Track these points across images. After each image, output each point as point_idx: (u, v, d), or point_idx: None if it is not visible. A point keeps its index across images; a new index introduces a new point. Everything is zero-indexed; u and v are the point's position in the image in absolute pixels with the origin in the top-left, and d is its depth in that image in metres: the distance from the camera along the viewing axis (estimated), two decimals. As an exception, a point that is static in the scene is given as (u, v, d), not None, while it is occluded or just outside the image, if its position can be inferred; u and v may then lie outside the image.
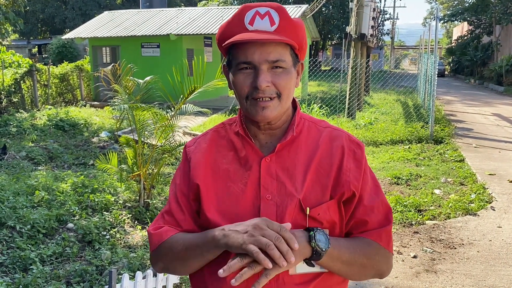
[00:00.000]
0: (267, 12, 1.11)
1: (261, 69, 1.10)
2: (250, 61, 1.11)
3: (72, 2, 35.36)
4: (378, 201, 1.21)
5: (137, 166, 5.26)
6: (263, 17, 1.10)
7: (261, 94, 1.11)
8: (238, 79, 1.13)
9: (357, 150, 1.22)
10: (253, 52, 1.09)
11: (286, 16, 1.12)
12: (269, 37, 1.08)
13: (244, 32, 1.10)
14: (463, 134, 10.30)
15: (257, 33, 1.09)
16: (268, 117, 1.14)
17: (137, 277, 2.73)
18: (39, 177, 5.88)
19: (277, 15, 1.11)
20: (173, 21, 16.15)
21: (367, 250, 1.16)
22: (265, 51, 1.09)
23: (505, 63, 23.92)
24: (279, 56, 1.10)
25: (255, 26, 1.10)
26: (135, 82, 5.50)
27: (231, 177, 1.19)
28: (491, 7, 27.79)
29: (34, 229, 4.35)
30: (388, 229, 1.21)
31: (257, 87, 1.10)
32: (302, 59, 1.20)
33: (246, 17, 1.11)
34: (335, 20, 33.93)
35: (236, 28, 1.12)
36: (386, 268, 1.22)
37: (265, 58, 1.09)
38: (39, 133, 9.66)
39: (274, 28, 1.10)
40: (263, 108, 1.13)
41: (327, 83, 20.18)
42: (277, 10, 1.12)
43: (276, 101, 1.13)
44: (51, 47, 23.83)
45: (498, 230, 4.77)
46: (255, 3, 1.14)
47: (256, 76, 1.11)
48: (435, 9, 10.57)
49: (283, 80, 1.12)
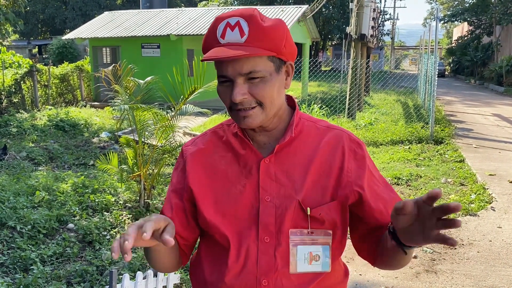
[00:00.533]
0: (237, 22, 1.09)
1: (236, 83, 1.10)
2: (225, 75, 1.11)
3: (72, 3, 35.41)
4: (396, 198, 1.22)
5: (137, 167, 5.27)
6: (233, 29, 1.09)
7: (240, 106, 1.11)
8: (220, 92, 1.15)
9: (358, 149, 1.21)
10: (226, 67, 1.09)
11: (256, 24, 1.09)
12: (235, 53, 1.05)
13: (217, 46, 1.10)
14: (463, 135, 10.31)
15: (226, 47, 1.08)
16: (251, 125, 1.14)
17: (137, 277, 2.73)
18: (39, 177, 5.89)
19: (246, 25, 1.08)
20: (173, 22, 16.16)
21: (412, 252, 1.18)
22: (237, 64, 1.08)
23: (505, 63, 23.93)
24: (251, 68, 1.08)
25: (226, 39, 1.09)
26: (136, 82, 5.51)
27: (230, 178, 1.19)
28: (491, 7, 27.80)
29: (34, 230, 4.36)
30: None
31: (232, 100, 1.11)
32: (291, 59, 1.17)
33: (218, 30, 1.10)
34: (335, 21, 33.94)
35: (211, 41, 1.12)
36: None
37: (238, 71, 1.09)
38: (39, 133, 9.67)
39: (244, 39, 1.08)
40: (244, 117, 1.12)
41: (327, 83, 20.19)
42: (247, 19, 1.09)
43: (258, 109, 1.12)
44: (51, 47, 23.85)
45: (498, 230, 4.77)
46: (228, 13, 1.13)
47: (231, 90, 1.11)
48: (435, 10, 10.57)
49: (261, 90, 1.10)
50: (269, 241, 1.13)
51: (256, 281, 1.13)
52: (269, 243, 1.13)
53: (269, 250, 1.13)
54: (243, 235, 1.15)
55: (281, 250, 1.13)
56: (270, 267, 1.13)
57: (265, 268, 1.13)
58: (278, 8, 17.13)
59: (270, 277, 1.13)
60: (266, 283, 1.13)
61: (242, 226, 1.15)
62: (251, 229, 1.14)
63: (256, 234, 1.14)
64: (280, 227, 1.14)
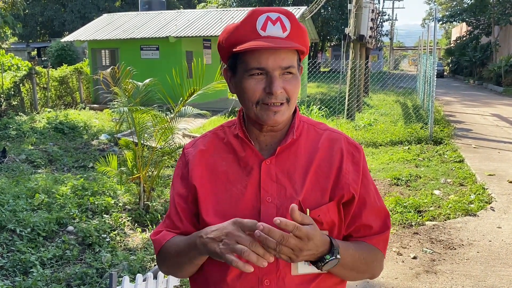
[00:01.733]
0: (278, 18, 1.11)
1: (274, 75, 1.11)
2: (263, 67, 1.11)
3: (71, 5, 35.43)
4: (379, 206, 1.23)
5: (136, 169, 5.27)
6: (275, 23, 1.11)
7: (274, 100, 1.13)
8: (249, 84, 1.13)
9: (356, 153, 1.23)
10: (267, 58, 1.10)
11: (296, 22, 1.14)
12: (285, 44, 1.10)
13: (257, 38, 1.11)
14: (462, 135, 10.32)
15: (271, 39, 1.10)
16: (279, 122, 1.16)
17: (137, 280, 2.73)
18: (39, 180, 5.88)
19: (288, 21, 1.12)
20: (172, 24, 16.17)
21: (367, 257, 1.19)
22: (278, 57, 1.10)
23: (504, 63, 23.95)
24: (290, 63, 1.12)
25: (267, 32, 1.11)
26: (135, 84, 5.51)
27: (231, 179, 1.20)
28: (489, 7, 27.84)
29: (34, 232, 4.36)
30: (387, 235, 1.24)
31: (271, 92, 1.11)
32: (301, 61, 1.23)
33: (258, 22, 1.12)
34: (334, 22, 33.97)
35: (248, 33, 1.12)
36: (379, 271, 1.26)
37: (278, 64, 1.11)
38: (38, 136, 9.67)
39: (286, 35, 1.11)
40: (275, 113, 1.14)
41: (326, 84, 20.20)
42: (287, 16, 1.13)
43: (286, 106, 1.15)
44: (50, 50, 23.84)
45: (498, 230, 4.77)
46: (265, 8, 1.15)
47: (270, 82, 1.11)
48: (434, 10, 10.59)
49: (293, 86, 1.14)
50: None
51: (258, 281, 1.14)
52: None
53: None
54: None
55: None
56: (271, 267, 1.14)
57: (266, 268, 1.13)
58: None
59: (272, 276, 1.14)
60: (268, 282, 1.14)
61: None
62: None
63: None
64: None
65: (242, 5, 31.22)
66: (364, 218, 1.20)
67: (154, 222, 4.99)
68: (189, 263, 1.18)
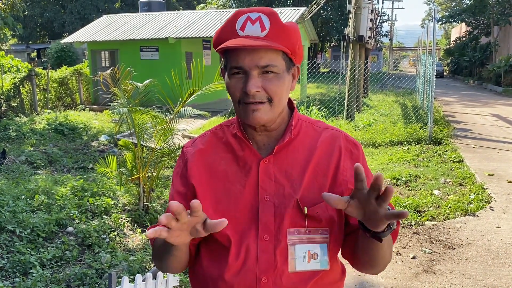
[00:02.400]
0: (258, 17, 1.11)
1: (251, 74, 1.11)
2: (240, 66, 1.12)
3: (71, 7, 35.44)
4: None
5: (136, 170, 5.27)
6: (254, 23, 1.11)
7: (252, 99, 1.12)
8: (231, 84, 1.15)
9: (354, 150, 1.24)
10: (244, 58, 1.10)
11: (277, 21, 1.12)
12: (258, 43, 1.08)
13: (236, 38, 1.11)
14: (462, 135, 10.32)
15: (247, 39, 1.10)
16: (260, 120, 1.15)
17: (136, 280, 2.73)
18: (38, 181, 5.89)
19: (268, 20, 1.11)
20: (172, 25, 16.18)
21: (391, 247, 1.20)
22: (255, 56, 1.10)
23: (503, 63, 23.97)
24: (269, 61, 1.11)
25: (246, 32, 1.11)
26: (134, 85, 5.51)
27: (229, 178, 1.21)
28: (489, 8, 27.87)
29: (34, 233, 4.36)
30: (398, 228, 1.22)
31: (246, 92, 1.11)
32: (298, 62, 1.21)
33: (238, 23, 1.12)
34: (334, 22, 34.00)
35: (228, 33, 1.13)
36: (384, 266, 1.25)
37: (255, 63, 1.10)
38: (38, 137, 9.67)
39: (264, 34, 1.10)
40: (254, 111, 1.14)
41: (326, 85, 20.21)
42: (268, 15, 1.12)
43: (267, 105, 1.14)
44: (50, 51, 23.86)
45: (497, 230, 4.78)
46: (248, 8, 1.15)
47: (245, 81, 1.12)
48: (433, 11, 10.60)
49: (274, 85, 1.13)
50: (268, 239, 1.15)
51: (256, 279, 1.15)
52: (268, 241, 1.15)
53: (269, 248, 1.15)
54: (242, 233, 1.17)
55: (281, 248, 1.15)
56: (269, 265, 1.15)
57: (264, 266, 1.15)
58: (276, 10, 17.15)
59: (270, 274, 1.15)
60: (265, 280, 1.15)
61: (242, 225, 1.17)
62: (250, 228, 1.16)
63: (255, 232, 1.16)
64: (280, 225, 1.16)
65: (241, 6, 31.24)
66: None
67: (153, 222, 5.00)
68: (169, 255, 1.18)
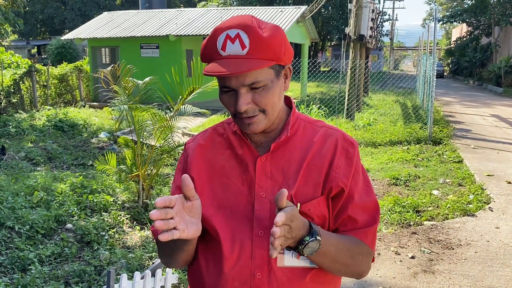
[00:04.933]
0: (237, 34, 1.11)
1: (239, 93, 1.13)
2: (228, 86, 1.14)
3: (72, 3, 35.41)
4: (368, 201, 1.23)
5: (136, 167, 5.27)
6: (234, 41, 1.11)
7: (244, 115, 1.15)
8: (223, 100, 1.18)
9: (350, 148, 1.24)
10: (230, 79, 1.12)
11: (256, 36, 1.11)
12: (239, 66, 1.08)
13: (218, 58, 1.12)
14: (461, 135, 10.32)
15: (228, 60, 1.10)
16: (256, 131, 1.18)
17: (135, 277, 2.73)
18: (38, 177, 5.88)
19: (246, 37, 1.10)
20: (173, 22, 16.17)
21: (352, 249, 1.18)
22: (240, 77, 1.11)
23: (504, 64, 23.96)
24: (254, 79, 1.11)
25: (227, 51, 1.11)
26: (134, 83, 5.51)
27: (227, 174, 1.23)
28: (490, 8, 27.84)
29: (33, 230, 4.36)
30: (374, 229, 1.23)
31: (237, 110, 1.14)
32: (289, 62, 1.20)
33: (218, 42, 1.12)
34: (335, 21, 33.96)
35: (211, 52, 1.14)
36: (365, 268, 1.25)
37: (241, 83, 1.12)
38: (38, 133, 9.67)
39: (246, 51, 1.10)
40: (249, 124, 1.17)
41: (326, 84, 20.21)
42: (246, 31, 1.11)
43: (261, 116, 1.16)
44: (50, 47, 23.84)
45: (496, 231, 4.78)
46: (226, 24, 1.14)
47: (236, 100, 1.14)
48: (434, 11, 10.59)
49: (264, 98, 1.14)
50: (263, 235, 1.16)
51: (250, 274, 1.16)
52: (263, 237, 1.16)
53: (263, 244, 1.16)
54: (238, 229, 1.18)
55: None
56: (264, 261, 1.16)
57: (259, 262, 1.16)
58: (277, 8, 17.14)
59: (264, 270, 1.16)
60: (260, 276, 1.16)
61: (238, 220, 1.19)
62: (246, 224, 1.18)
63: (250, 228, 1.17)
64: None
65: (242, 4, 31.20)
66: (350, 211, 1.20)
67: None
68: (181, 250, 1.20)
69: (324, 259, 1.13)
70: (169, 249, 1.22)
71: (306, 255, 1.09)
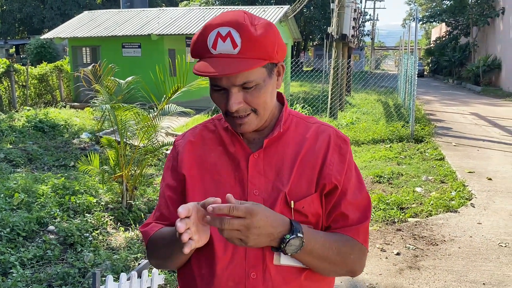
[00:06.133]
0: (228, 33, 1.08)
1: (231, 92, 1.10)
2: (219, 85, 1.11)
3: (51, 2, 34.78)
4: (360, 198, 1.21)
5: (119, 167, 5.20)
6: (225, 39, 1.08)
7: (236, 114, 1.13)
8: (214, 98, 1.15)
9: (343, 145, 1.23)
10: (220, 79, 1.10)
11: (248, 35, 1.08)
12: (230, 66, 1.05)
13: (209, 56, 1.09)
14: (442, 133, 10.48)
15: (219, 59, 1.07)
16: (247, 131, 1.16)
17: (121, 279, 2.69)
18: (18, 179, 5.76)
19: (238, 36, 1.07)
20: (155, 21, 16.02)
21: (342, 247, 1.15)
22: (231, 76, 1.09)
23: (482, 63, 24.43)
24: (245, 79, 1.09)
25: (218, 50, 1.08)
26: (117, 82, 5.43)
27: (219, 171, 1.20)
28: (468, 8, 28.35)
29: (13, 232, 4.26)
30: (366, 225, 1.21)
31: (228, 110, 1.12)
32: (282, 59, 1.18)
33: (208, 40, 1.09)
34: (317, 21, 34.13)
35: (201, 49, 1.11)
36: (359, 267, 1.21)
37: (232, 83, 1.09)
38: (17, 134, 9.46)
39: (237, 51, 1.07)
40: (240, 124, 1.15)
41: (309, 83, 20.31)
42: (238, 29, 1.08)
43: (253, 116, 1.14)
44: (29, 47, 23.36)
45: (478, 226, 4.86)
46: (217, 21, 1.11)
47: (227, 100, 1.11)
48: (414, 11, 10.73)
49: (255, 97, 1.12)
50: None
51: (245, 274, 1.13)
52: None
53: None
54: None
55: None
56: (258, 260, 1.13)
57: (253, 261, 1.13)
58: (260, 8, 17.15)
59: (259, 269, 1.13)
60: (254, 276, 1.13)
61: None
62: None
63: None
64: None
65: (225, 3, 31.11)
66: (343, 207, 1.18)
67: (137, 221, 4.94)
68: (180, 254, 1.15)
69: (310, 257, 1.10)
70: (169, 252, 1.18)
71: (289, 253, 1.06)
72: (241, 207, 0.98)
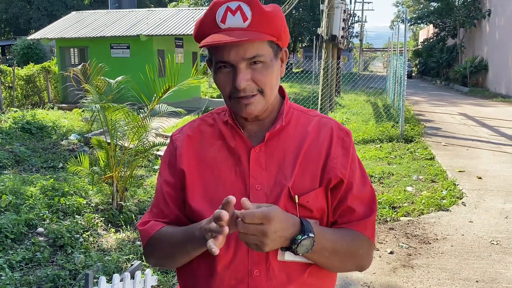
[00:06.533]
0: (238, 7, 1.05)
1: (239, 68, 1.07)
2: (227, 61, 1.07)
3: (38, 2, 34.42)
4: (365, 191, 1.19)
5: (109, 168, 5.13)
6: (235, 13, 1.05)
7: (242, 94, 1.09)
8: (219, 79, 1.11)
9: (346, 138, 1.20)
10: (229, 52, 1.05)
11: (259, 9, 1.06)
12: (241, 37, 1.03)
13: (217, 31, 1.06)
14: (432, 133, 10.55)
15: (229, 32, 1.04)
16: (253, 113, 1.12)
17: (114, 280, 2.64)
18: (5, 181, 5.65)
19: (249, 9, 1.05)
20: (143, 22, 15.92)
21: (350, 243, 1.13)
22: (240, 49, 1.05)
23: (469, 64, 24.70)
24: (255, 52, 1.06)
25: (227, 24, 1.05)
26: (107, 81, 5.37)
27: (219, 166, 1.17)
28: (455, 10, 28.68)
29: (1, 235, 4.18)
30: (372, 219, 1.19)
31: (236, 87, 1.07)
32: (285, 45, 1.16)
33: (217, 15, 1.06)
34: (306, 23, 34.24)
35: (209, 27, 1.07)
36: (367, 262, 1.20)
37: (241, 56, 1.06)
38: (4, 136, 9.31)
39: (247, 24, 1.05)
40: (246, 105, 1.10)
41: (298, 84, 20.33)
42: (248, 3, 1.06)
43: (259, 97, 1.10)
44: (15, 48, 23.08)
45: (470, 224, 4.89)
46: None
47: (234, 77, 1.07)
48: (402, 12, 10.80)
49: (263, 76, 1.09)
50: None
51: (248, 271, 1.10)
52: None
53: None
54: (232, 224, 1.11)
55: None
56: (261, 257, 1.10)
57: (256, 258, 1.10)
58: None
59: (262, 266, 1.10)
60: (257, 273, 1.10)
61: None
62: None
63: None
64: None
65: (213, 5, 31.01)
66: (349, 201, 1.16)
67: (128, 222, 4.88)
68: (186, 254, 1.13)
69: (320, 255, 1.08)
70: (174, 252, 1.14)
71: (301, 254, 1.03)
72: (257, 213, 0.95)
